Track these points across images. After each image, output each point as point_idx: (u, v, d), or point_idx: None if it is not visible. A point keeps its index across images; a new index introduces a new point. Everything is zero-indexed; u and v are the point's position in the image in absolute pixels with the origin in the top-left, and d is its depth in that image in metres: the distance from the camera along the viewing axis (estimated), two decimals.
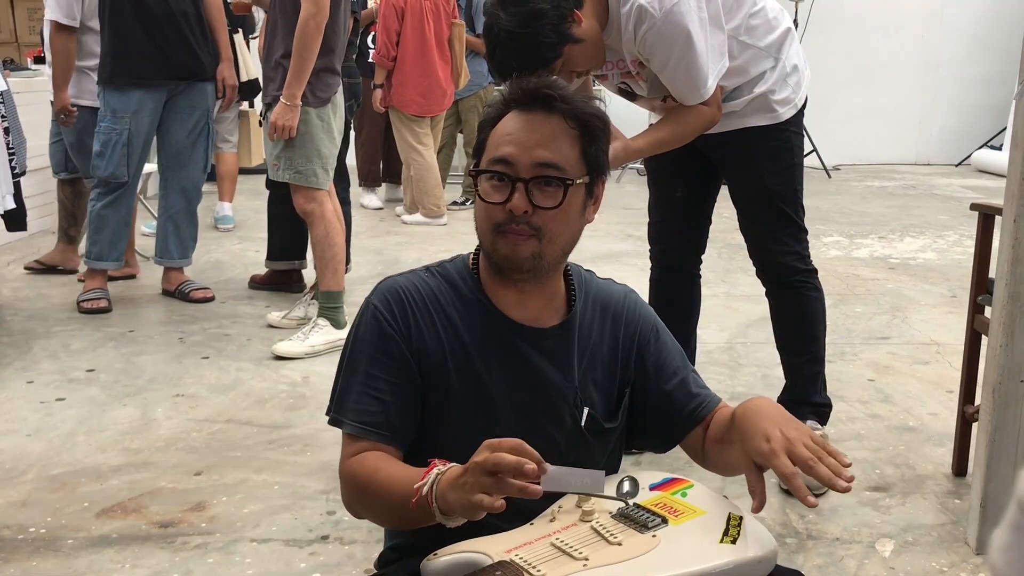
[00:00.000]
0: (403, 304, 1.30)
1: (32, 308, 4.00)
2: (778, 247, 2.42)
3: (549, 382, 1.32)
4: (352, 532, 2.14)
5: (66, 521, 2.18)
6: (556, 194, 1.25)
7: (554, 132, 1.26)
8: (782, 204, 2.40)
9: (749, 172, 2.41)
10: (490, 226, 1.27)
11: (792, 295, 2.46)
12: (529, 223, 1.24)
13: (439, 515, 1.12)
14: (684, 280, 2.62)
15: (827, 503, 2.29)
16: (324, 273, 3.48)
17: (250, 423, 2.78)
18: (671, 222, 2.59)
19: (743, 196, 2.46)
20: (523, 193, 1.24)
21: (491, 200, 1.26)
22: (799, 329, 2.48)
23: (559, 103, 1.27)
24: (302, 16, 3.19)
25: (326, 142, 3.43)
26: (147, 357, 3.37)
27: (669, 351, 1.41)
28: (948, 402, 2.90)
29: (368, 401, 1.27)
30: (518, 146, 1.25)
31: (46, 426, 2.75)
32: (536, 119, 1.27)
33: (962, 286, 4.14)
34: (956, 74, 9.59)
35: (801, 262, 2.44)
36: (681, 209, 2.56)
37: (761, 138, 2.37)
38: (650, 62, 2.19)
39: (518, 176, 1.24)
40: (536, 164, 1.24)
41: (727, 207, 2.57)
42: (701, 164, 2.48)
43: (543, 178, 1.24)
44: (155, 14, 3.80)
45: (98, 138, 3.87)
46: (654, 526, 1.20)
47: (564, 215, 1.26)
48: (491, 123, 1.30)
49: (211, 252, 5.08)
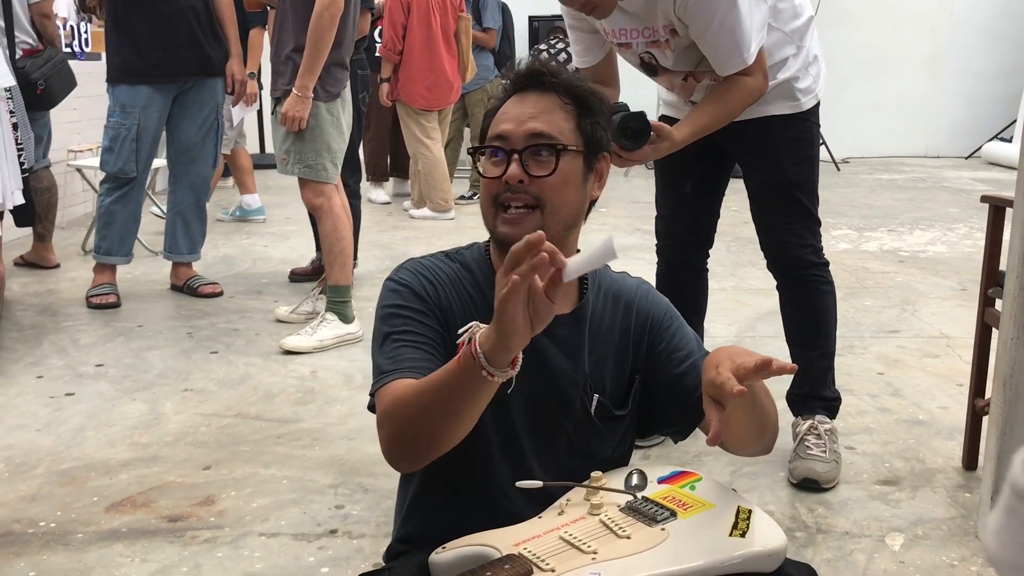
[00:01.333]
0: (428, 274, 1.33)
1: (41, 303, 4.02)
2: (793, 239, 2.39)
3: (559, 369, 1.32)
4: (361, 526, 2.14)
5: (76, 515, 2.19)
6: (550, 162, 1.28)
7: (548, 105, 1.30)
8: (800, 195, 2.37)
9: (769, 162, 2.38)
10: (491, 201, 1.30)
11: (804, 289, 2.44)
12: (528, 191, 1.27)
13: (484, 363, 1.07)
14: (691, 275, 2.61)
15: (837, 497, 2.28)
16: (332, 267, 3.48)
17: (259, 417, 2.79)
18: (679, 217, 2.56)
19: (760, 187, 2.42)
20: (518, 163, 1.27)
21: (490, 175, 1.30)
22: (810, 323, 2.46)
23: (551, 79, 1.31)
24: (317, 7, 3.19)
25: (335, 136, 3.44)
26: (156, 352, 3.38)
27: (683, 337, 1.40)
28: (958, 396, 2.88)
29: (406, 352, 1.26)
30: (512, 121, 1.29)
31: (55, 421, 2.76)
32: (530, 97, 1.31)
33: (972, 279, 4.13)
34: (966, 66, 9.55)
35: (815, 255, 2.41)
36: (690, 204, 2.54)
37: (782, 127, 2.34)
38: (689, 26, 2.13)
39: (512, 148, 1.28)
40: (529, 135, 1.28)
41: (735, 200, 2.56)
42: (711, 158, 2.45)
43: (536, 147, 1.28)
44: (163, 10, 3.80)
45: (107, 133, 3.87)
46: (663, 519, 1.20)
47: (563, 184, 1.29)
48: (492, 114, 1.34)
49: (219, 247, 5.09)
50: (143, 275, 4.46)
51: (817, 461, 2.33)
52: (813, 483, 2.30)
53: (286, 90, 3.32)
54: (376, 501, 2.26)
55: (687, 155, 2.35)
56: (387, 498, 2.24)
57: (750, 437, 1.31)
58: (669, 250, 2.60)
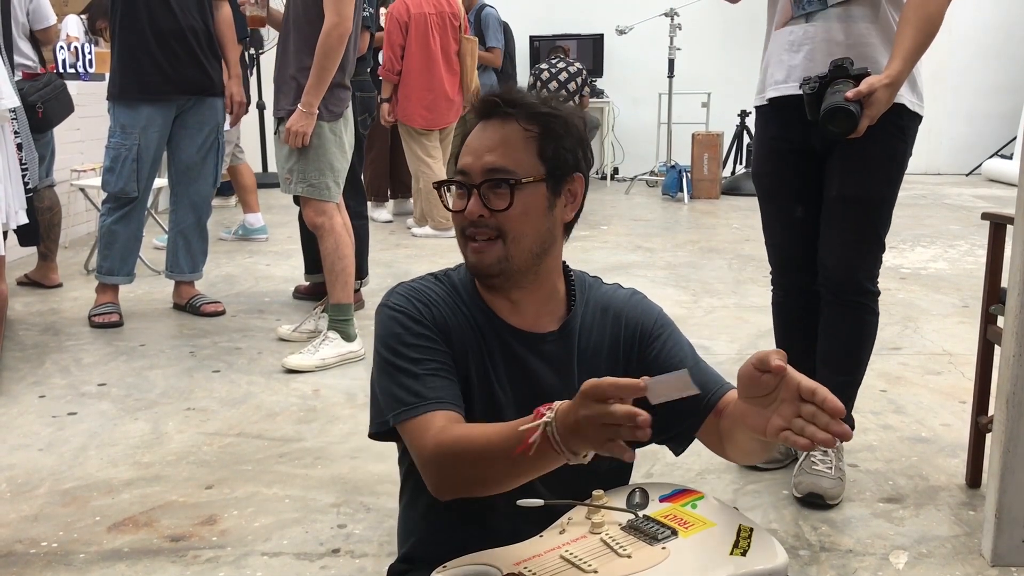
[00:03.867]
0: (422, 297, 1.34)
1: (44, 322, 4.03)
2: (855, 260, 2.33)
3: (550, 387, 1.33)
4: (363, 545, 2.14)
5: (78, 535, 2.19)
6: (505, 196, 1.29)
7: (504, 137, 1.31)
8: (877, 216, 2.32)
9: (861, 172, 2.28)
10: (460, 233, 1.34)
11: (849, 314, 2.37)
12: (488, 224, 1.29)
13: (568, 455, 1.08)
14: (812, 299, 2.48)
15: (840, 515, 2.28)
16: (334, 286, 3.48)
17: (261, 436, 2.79)
18: (793, 243, 2.45)
19: (842, 197, 2.31)
20: (477, 198, 1.30)
21: (455, 209, 1.33)
22: (845, 349, 2.39)
23: (510, 108, 1.31)
24: (326, 26, 3.22)
25: (338, 156, 3.46)
26: (158, 371, 3.38)
27: (676, 344, 1.40)
28: (961, 413, 2.88)
29: (431, 382, 1.26)
30: (471, 154, 1.32)
31: (58, 440, 2.76)
32: (490, 127, 1.32)
33: (974, 296, 4.13)
34: (965, 83, 9.58)
35: (869, 281, 2.36)
36: (802, 228, 2.41)
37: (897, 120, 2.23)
38: None
39: (471, 183, 1.30)
40: (486, 169, 1.30)
41: (736, 218, 2.56)
42: (813, 177, 2.36)
43: (492, 181, 1.29)
44: (164, 29, 3.82)
45: (108, 154, 3.89)
46: (664, 538, 1.20)
47: (523, 215, 1.30)
48: (462, 138, 1.36)
49: (222, 266, 5.10)
50: (145, 294, 4.47)
51: (823, 477, 2.32)
52: (818, 498, 2.29)
53: (289, 110, 3.34)
54: (378, 520, 2.25)
55: (792, 174, 2.30)
56: (389, 517, 2.24)
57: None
58: (785, 278, 2.51)
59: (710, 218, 6.55)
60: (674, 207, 7.21)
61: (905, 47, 2.12)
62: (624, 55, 8.83)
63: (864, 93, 2.07)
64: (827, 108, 2.08)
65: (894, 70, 2.10)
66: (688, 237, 6.05)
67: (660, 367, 1.37)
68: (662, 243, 5.75)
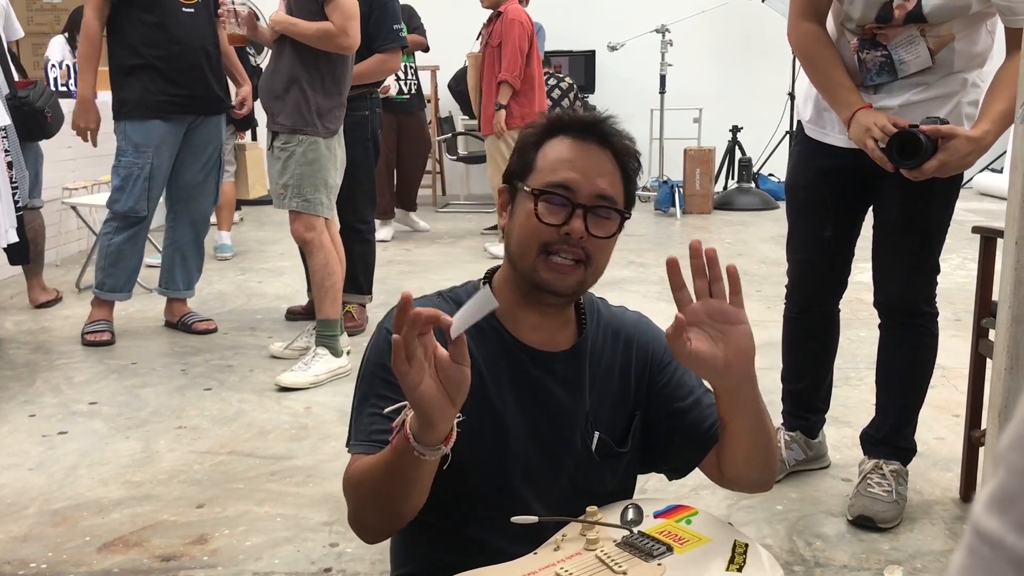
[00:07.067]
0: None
1: (35, 341, 4.01)
2: (916, 284, 2.31)
3: (560, 406, 1.32)
4: (355, 564, 2.12)
5: (67, 556, 2.17)
6: (611, 226, 1.28)
7: (609, 167, 1.29)
8: (934, 241, 2.29)
9: (924, 198, 2.22)
10: (538, 245, 1.27)
11: (908, 337, 2.36)
12: (582, 246, 1.26)
13: (416, 444, 1.09)
14: (824, 320, 2.50)
15: (835, 530, 2.27)
16: (323, 301, 3.48)
17: (252, 455, 2.77)
18: (816, 261, 2.43)
19: (898, 225, 2.27)
20: (582, 219, 1.26)
21: (547, 221, 1.26)
22: (904, 372, 2.38)
23: (614, 138, 1.30)
24: (333, 30, 3.28)
25: (333, 172, 3.49)
26: (150, 389, 3.36)
27: (685, 372, 1.39)
28: (954, 426, 2.88)
29: (377, 421, 1.25)
30: (580, 173, 1.27)
31: (48, 460, 2.73)
32: (592, 150, 1.29)
33: (966, 309, 4.13)
34: None
35: (928, 304, 2.35)
36: (828, 247, 2.39)
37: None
38: None
39: (578, 202, 1.26)
40: (596, 195, 1.27)
41: (728, 232, 2.56)
42: (852, 198, 2.34)
43: (602, 208, 1.27)
44: (175, 50, 3.83)
45: (118, 172, 3.87)
46: (659, 554, 1.19)
47: (610, 245, 1.30)
48: (535, 145, 1.32)
49: (213, 283, 5.09)
50: (137, 312, 4.45)
51: (877, 500, 2.28)
52: (868, 521, 2.26)
53: (283, 124, 3.37)
54: None
55: (829, 193, 2.26)
56: None
57: (752, 462, 1.30)
58: (802, 294, 2.48)
59: (703, 233, 6.56)
60: (666, 222, 7.23)
61: (997, 109, 2.02)
62: (616, 71, 8.86)
63: (943, 133, 2.00)
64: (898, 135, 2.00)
65: (981, 129, 2.02)
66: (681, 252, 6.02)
67: (669, 395, 1.37)
68: (655, 258, 5.76)
